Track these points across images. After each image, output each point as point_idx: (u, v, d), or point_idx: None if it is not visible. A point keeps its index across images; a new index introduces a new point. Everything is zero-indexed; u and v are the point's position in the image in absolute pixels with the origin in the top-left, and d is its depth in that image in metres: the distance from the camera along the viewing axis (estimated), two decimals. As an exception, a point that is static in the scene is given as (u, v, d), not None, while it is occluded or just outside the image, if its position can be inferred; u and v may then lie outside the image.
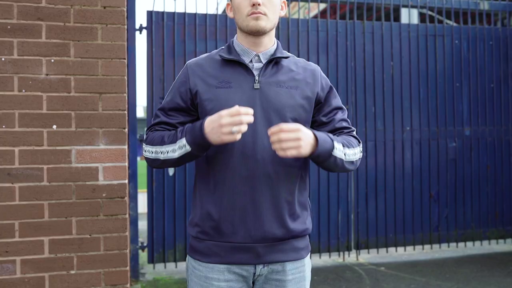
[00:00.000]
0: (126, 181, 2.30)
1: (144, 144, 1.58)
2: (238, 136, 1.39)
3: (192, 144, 1.44)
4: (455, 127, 4.39)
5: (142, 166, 5.57)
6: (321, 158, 1.48)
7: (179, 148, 1.47)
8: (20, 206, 2.19)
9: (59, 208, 2.22)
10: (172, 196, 3.83)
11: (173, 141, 1.49)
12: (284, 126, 1.40)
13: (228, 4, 1.68)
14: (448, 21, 4.91)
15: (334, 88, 1.69)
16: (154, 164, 1.55)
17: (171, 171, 3.85)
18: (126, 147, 2.30)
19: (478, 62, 4.47)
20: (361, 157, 1.63)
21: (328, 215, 4.10)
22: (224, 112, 1.39)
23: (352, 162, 1.58)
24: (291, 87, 1.57)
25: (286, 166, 1.52)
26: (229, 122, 1.37)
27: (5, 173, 2.18)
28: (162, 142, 1.51)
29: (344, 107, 1.68)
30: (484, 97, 4.47)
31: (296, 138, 1.39)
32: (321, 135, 1.48)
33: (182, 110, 1.57)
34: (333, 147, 1.48)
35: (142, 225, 4.34)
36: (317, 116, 1.64)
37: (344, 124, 1.64)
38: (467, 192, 4.43)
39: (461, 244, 4.52)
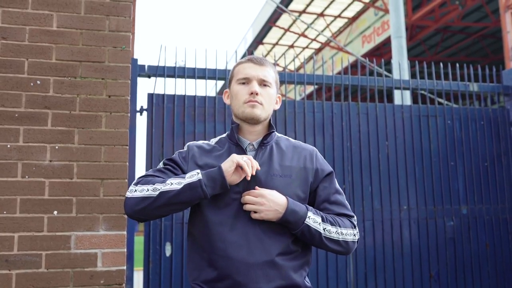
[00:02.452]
0: (125, 267, 2.28)
1: (135, 184, 1.59)
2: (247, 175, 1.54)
3: (205, 175, 1.53)
4: (452, 206, 4.41)
5: (138, 243, 5.51)
6: (291, 226, 1.54)
7: (189, 177, 1.53)
8: (16, 294, 2.16)
9: (55, 296, 2.19)
10: (168, 278, 3.77)
11: (182, 176, 1.55)
12: (253, 190, 1.56)
13: (225, 92, 1.78)
14: (440, 100, 5.07)
15: (331, 174, 1.72)
16: (140, 205, 1.53)
17: (168, 251, 3.81)
18: (125, 232, 2.31)
19: (471, 141, 4.57)
20: (353, 241, 1.62)
21: (328, 296, 4.02)
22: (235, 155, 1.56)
23: (335, 241, 1.58)
24: (285, 176, 1.62)
25: (276, 234, 1.57)
26: (242, 161, 1.52)
27: (3, 260, 2.17)
28: (163, 181, 1.56)
29: (340, 193, 1.71)
30: (479, 175, 4.53)
31: (256, 202, 1.53)
32: (295, 205, 1.54)
33: (179, 167, 1.63)
34: (305, 217, 1.52)
35: (137, 306, 4.23)
36: (314, 201, 1.68)
37: (336, 209, 1.66)
38: (467, 272, 4.37)
39: (464, 327, 4.40)
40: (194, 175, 1.52)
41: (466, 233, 4.42)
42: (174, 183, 1.52)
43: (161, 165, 1.68)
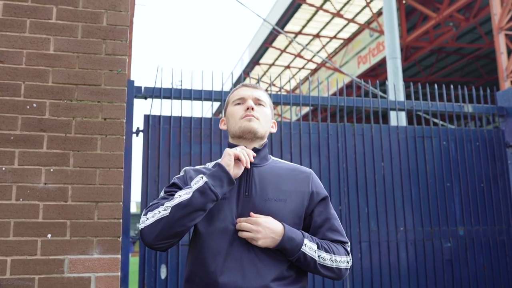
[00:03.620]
0: (119, 292, 2.26)
1: (145, 214, 1.56)
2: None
3: (209, 176, 1.53)
4: (449, 227, 4.40)
5: (133, 264, 5.47)
6: (287, 252, 1.55)
7: (195, 183, 1.53)
8: (8, 319, 2.13)
9: (48, 321, 2.15)
10: (164, 301, 3.72)
11: (188, 186, 1.56)
12: (248, 218, 1.56)
13: (222, 120, 1.79)
14: (436, 121, 5.10)
15: (327, 198, 1.72)
16: (157, 229, 1.50)
17: (163, 273, 3.78)
18: (119, 256, 2.28)
19: (467, 162, 4.58)
20: (346, 268, 1.63)
21: (325, 319, 3.98)
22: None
23: (329, 268, 1.58)
24: (280, 200, 1.61)
25: (269, 258, 1.56)
26: (237, 151, 1.56)
27: (-5, 285, 2.14)
28: (171, 198, 1.55)
29: (335, 218, 1.70)
30: (475, 197, 4.53)
31: (252, 230, 1.53)
32: (291, 232, 1.54)
33: (180, 189, 1.63)
34: (301, 244, 1.53)
35: (132, 330, 4.17)
36: (309, 225, 1.68)
37: (331, 235, 1.66)
38: (465, 294, 4.34)
39: None
40: (200, 180, 1.52)
41: (464, 254, 4.40)
42: (183, 194, 1.51)
43: (162, 193, 1.67)
